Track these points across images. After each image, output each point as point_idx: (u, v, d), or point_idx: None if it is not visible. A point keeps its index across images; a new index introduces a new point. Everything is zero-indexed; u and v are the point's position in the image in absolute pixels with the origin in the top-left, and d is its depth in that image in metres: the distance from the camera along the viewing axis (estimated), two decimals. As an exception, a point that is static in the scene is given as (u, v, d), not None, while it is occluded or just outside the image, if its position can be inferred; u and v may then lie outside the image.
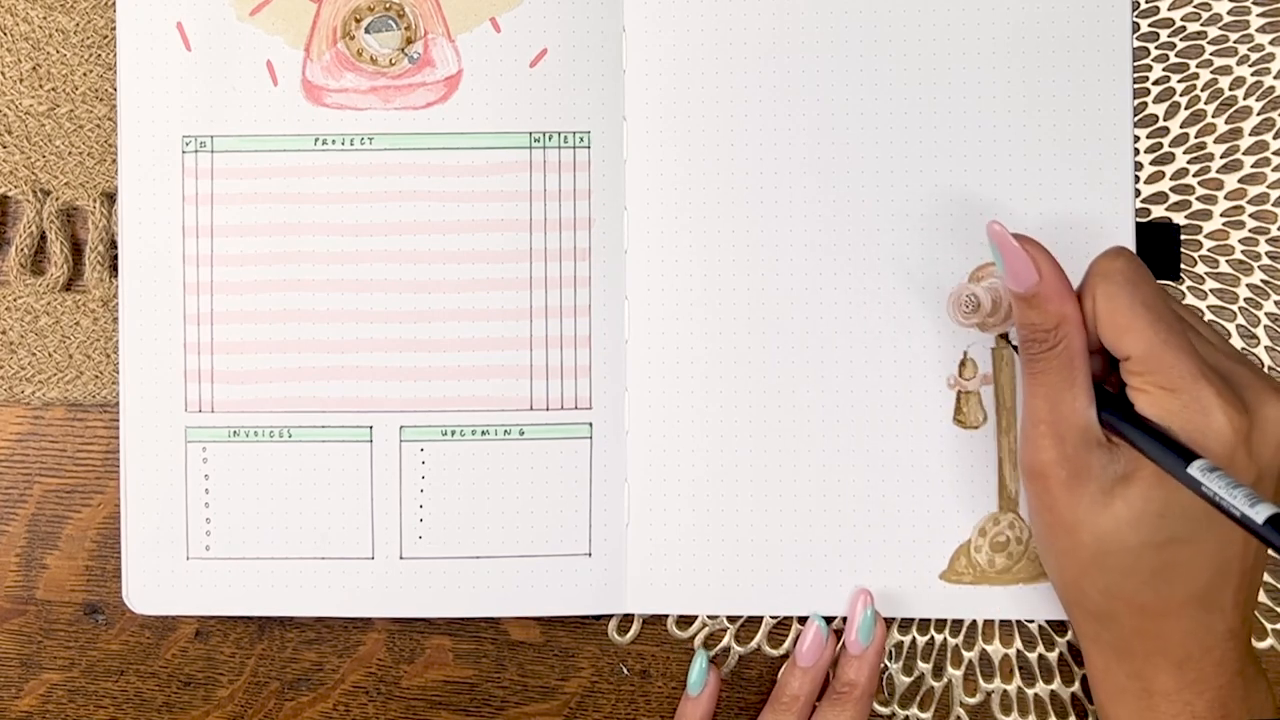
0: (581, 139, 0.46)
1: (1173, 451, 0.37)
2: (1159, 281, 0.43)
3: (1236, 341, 0.46)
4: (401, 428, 0.46)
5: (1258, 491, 0.36)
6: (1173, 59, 0.46)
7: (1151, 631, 0.40)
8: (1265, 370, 0.46)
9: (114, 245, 0.47)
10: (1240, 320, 0.46)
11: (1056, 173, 0.46)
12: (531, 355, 0.46)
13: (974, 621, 0.47)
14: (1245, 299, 0.46)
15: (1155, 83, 0.46)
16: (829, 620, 0.46)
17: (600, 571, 0.46)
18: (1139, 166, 0.46)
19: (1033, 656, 0.47)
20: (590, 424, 0.46)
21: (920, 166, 0.46)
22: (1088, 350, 0.40)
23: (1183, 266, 0.46)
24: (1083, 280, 0.40)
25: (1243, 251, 0.46)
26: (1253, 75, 0.46)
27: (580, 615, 0.47)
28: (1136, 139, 0.46)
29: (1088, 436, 0.39)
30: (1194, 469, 0.36)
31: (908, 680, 0.47)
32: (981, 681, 0.47)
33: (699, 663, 0.46)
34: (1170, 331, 0.38)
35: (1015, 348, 0.42)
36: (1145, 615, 0.40)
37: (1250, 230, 0.46)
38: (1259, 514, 0.34)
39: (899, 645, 0.47)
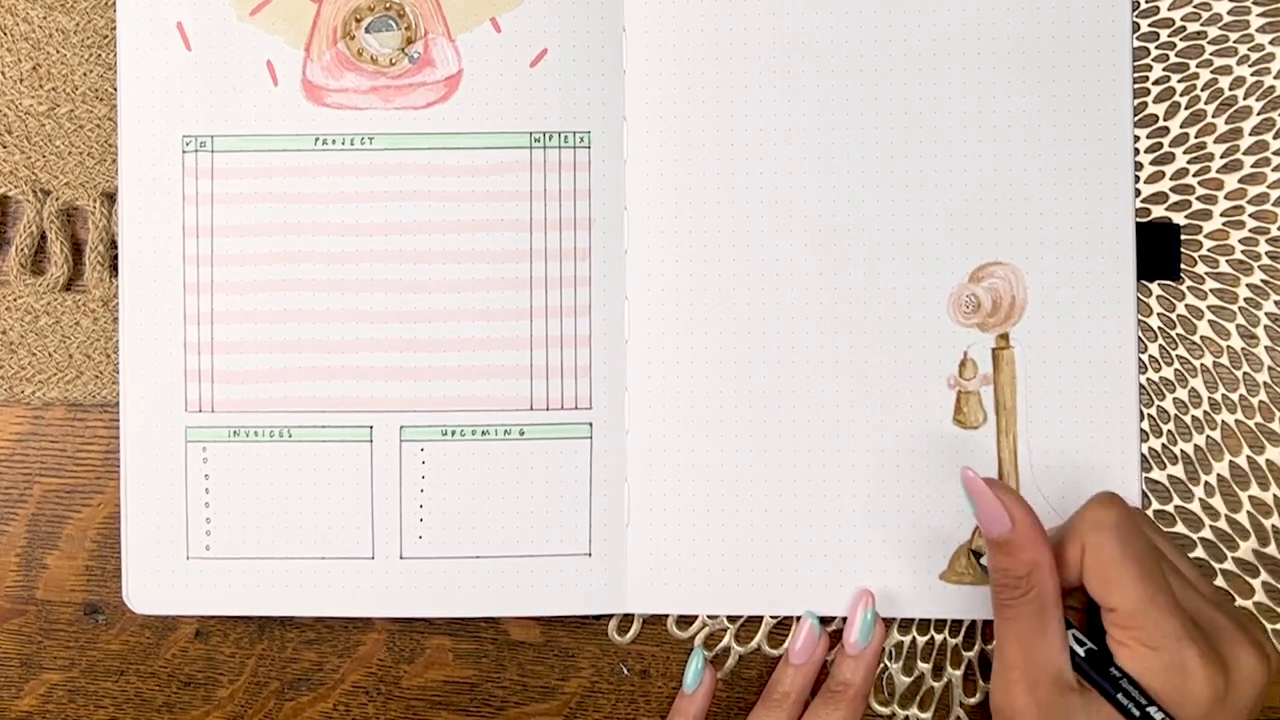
0: (581, 139, 0.46)
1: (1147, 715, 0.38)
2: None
3: (1236, 341, 0.46)
4: (401, 428, 0.46)
5: None
6: (1173, 59, 0.46)
7: None
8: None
9: (114, 245, 0.47)
10: (1240, 320, 0.46)
11: (1056, 173, 0.46)
12: (531, 355, 0.46)
13: (974, 621, 0.47)
14: (1245, 299, 0.46)
15: (1155, 83, 0.46)
16: (829, 620, 0.46)
17: (600, 571, 0.46)
18: (1139, 166, 0.46)
19: (1033, 656, 0.47)
20: (590, 424, 0.46)
21: (920, 166, 0.46)
22: (1060, 594, 0.40)
23: (1183, 266, 0.46)
24: (1073, 522, 0.41)
25: (1243, 251, 0.46)
26: (1253, 75, 0.46)
27: (580, 615, 0.47)
28: (1136, 139, 0.46)
29: (1060, 682, 0.39)
30: None
31: (908, 680, 0.47)
32: (981, 681, 0.47)
33: (696, 660, 0.46)
34: (1157, 588, 0.38)
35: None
36: None
37: (1250, 230, 0.46)
38: None
39: (899, 645, 0.47)
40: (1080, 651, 0.40)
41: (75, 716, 0.48)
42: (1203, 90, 0.46)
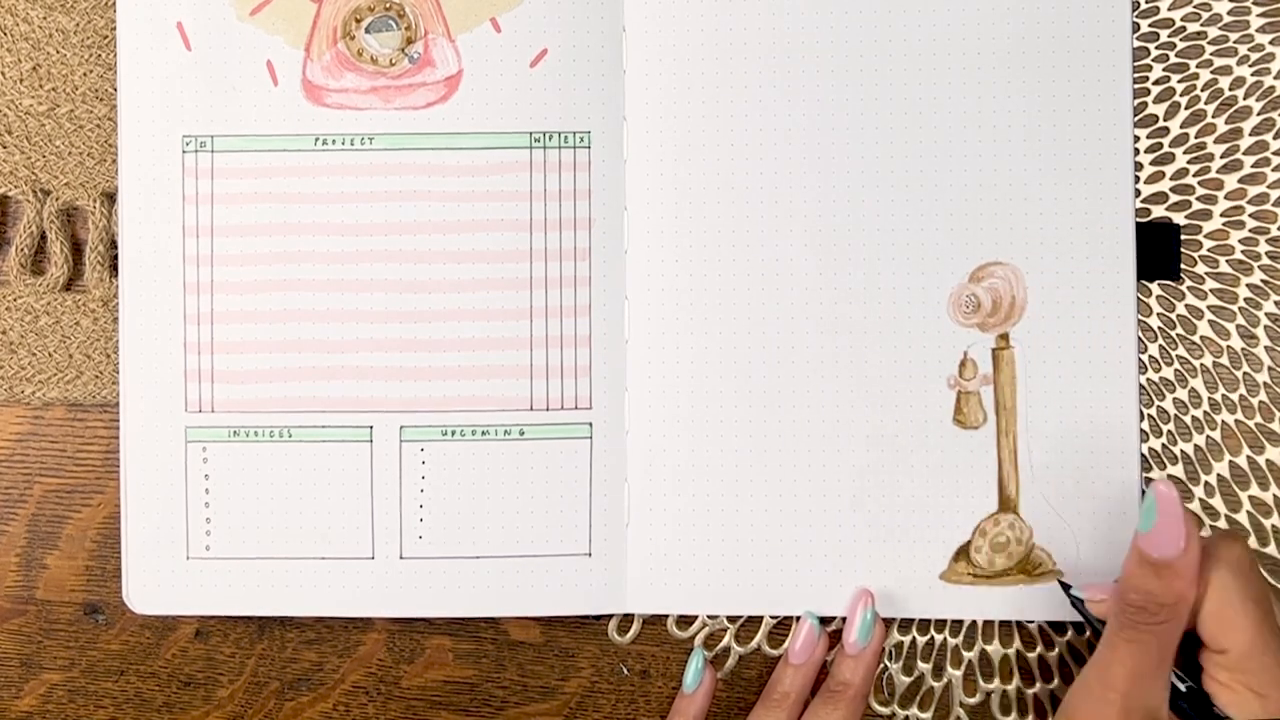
0: (581, 139, 0.46)
1: None
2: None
3: (1236, 341, 0.46)
4: (401, 428, 0.46)
5: None
6: (1173, 59, 0.46)
7: None
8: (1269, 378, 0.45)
9: (114, 245, 0.47)
10: (1240, 320, 0.46)
11: (1056, 173, 0.46)
12: (531, 355, 0.46)
13: (974, 621, 0.47)
14: (1245, 299, 0.46)
15: (1155, 83, 0.46)
16: (829, 620, 0.46)
17: (600, 571, 0.46)
18: (1139, 166, 0.46)
19: (1032, 656, 0.47)
20: (590, 424, 0.46)
21: (920, 166, 0.46)
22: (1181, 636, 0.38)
23: (1183, 266, 0.46)
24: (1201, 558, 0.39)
25: (1243, 251, 0.46)
26: (1253, 75, 0.46)
27: (580, 615, 0.47)
28: (1136, 139, 0.46)
29: (1155, 719, 0.38)
30: None
31: (908, 680, 0.47)
32: (981, 681, 0.47)
33: (695, 660, 0.46)
34: (1272, 634, 0.37)
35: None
36: None
37: (1250, 230, 0.46)
38: None
39: (899, 645, 0.47)
40: (1181, 688, 0.38)
41: (75, 716, 0.48)
42: (1203, 90, 0.46)
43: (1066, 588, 0.43)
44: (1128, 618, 0.38)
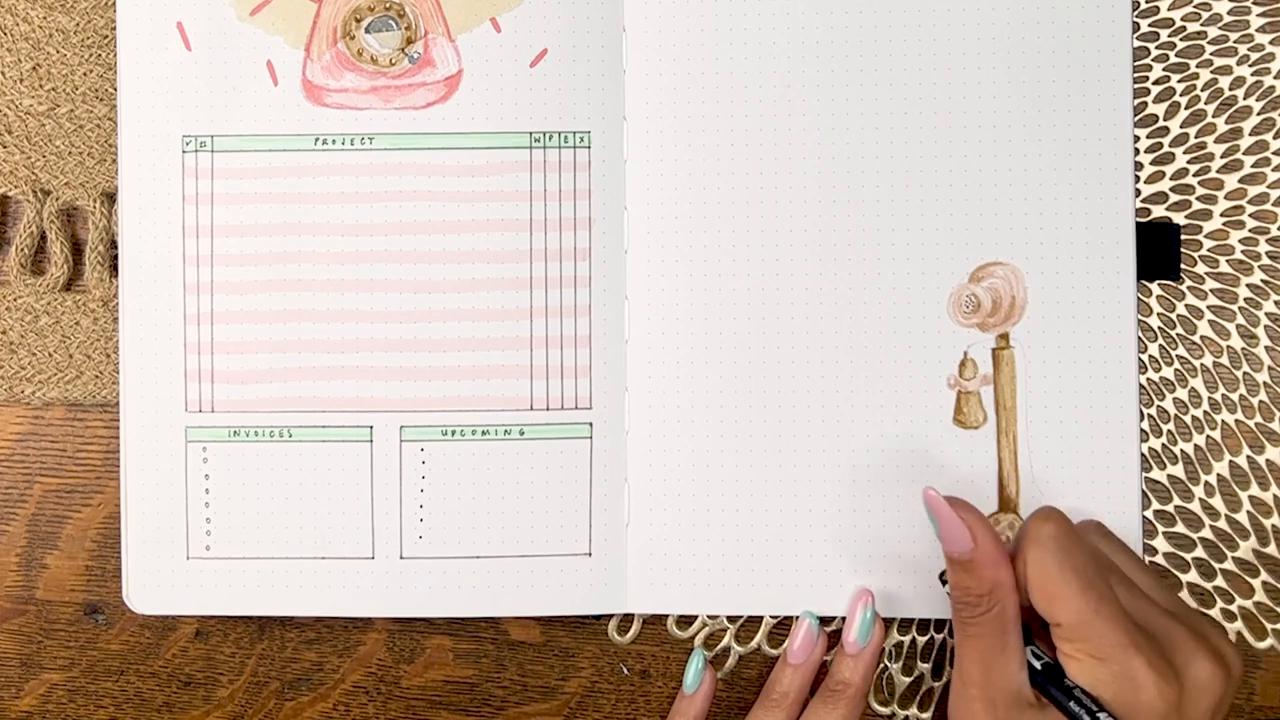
0: (581, 139, 0.46)
1: None
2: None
3: (1236, 341, 0.46)
4: (402, 428, 0.46)
5: None
6: (1173, 59, 0.46)
7: None
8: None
9: (114, 245, 0.47)
10: (1240, 320, 0.46)
11: (1056, 173, 0.46)
12: (531, 355, 0.46)
13: (974, 621, 0.47)
14: (1245, 299, 0.46)
15: (1155, 83, 0.46)
16: (828, 620, 0.46)
17: (600, 571, 0.46)
18: (1139, 166, 0.46)
19: (1033, 656, 0.47)
20: (590, 424, 0.46)
21: (920, 166, 0.46)
22: (1019, 612, 0.40)
23: (1183, 266, 0.46)
24: (1014, 542, 0.40)
25: (1243, 251, 0.46)
26: (1253, 75, 0.46)
27: (580, 615, 0.47)
28: (1136, 139, 0.46)
29: (1019, 699, 0.39)
30: None
31: (908, 680, 0.47)
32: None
33: (695, 661, 0.46)
34: (1100, 599, 0.38)
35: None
36: None
37: (1250, 230, 0.46)
38: None
39: (899, 645, 0.47)
40: (1037, 665, 0.40)
41: (75, 716, 0.48)
42: (1203, 90, 0.46)
43: (943, 579, 0.44)
44: (959, 615, 0.40)
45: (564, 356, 0.46)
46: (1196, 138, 0.46)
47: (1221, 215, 0.46)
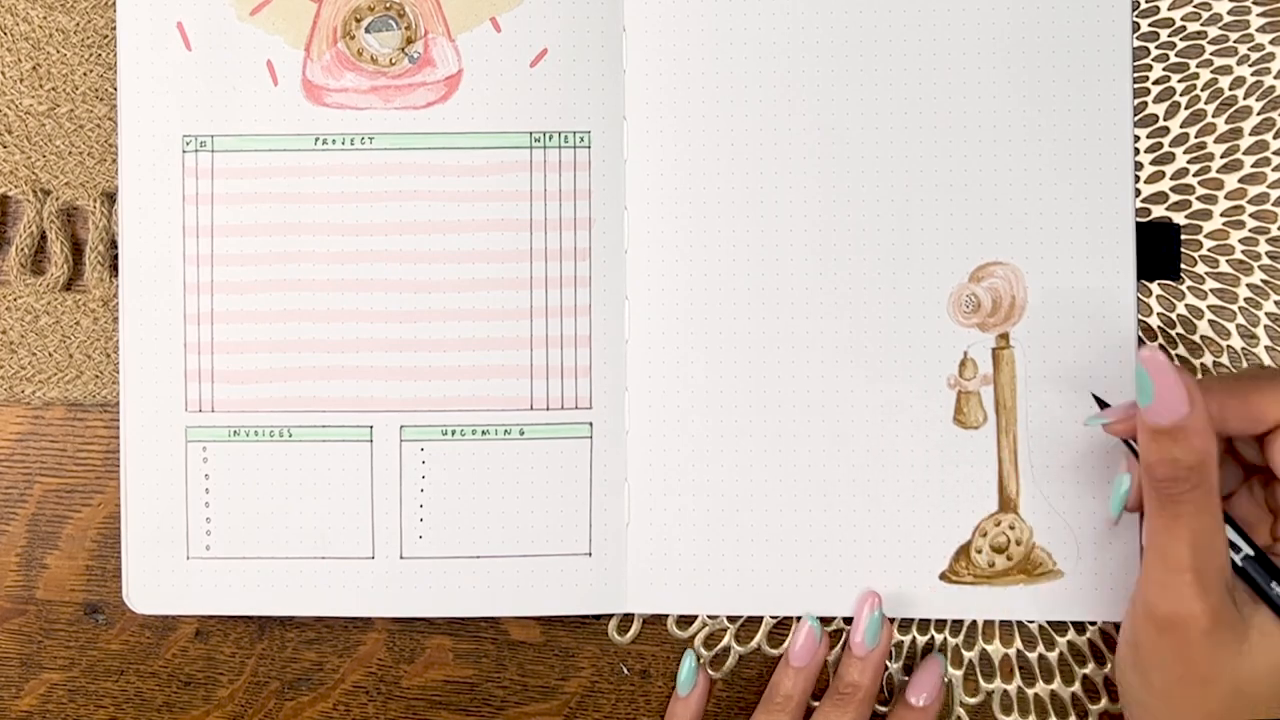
0: (581, 139, 0.46)
1: None
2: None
3: (1236, 341, 0.46)
4: (402, 427, 0.46)
5: None
6: (1173, 59, 0.46)
7: None
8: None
9: (114, 245, 0.47)
10: (1240, 320, 0.46)
11: (1056, 173, 0.46)
12: (531, 355, 0.46)
13: (974, 621, 0.47)
14: (1245, 299, 0.46)
15: (1155, 83, 0.46)
16: (829, 621, 0.46)
17: (600, 571, 0.46)
18: (1139, 166, 0.46)
19: (1033, 656, 0.47)
20: (590, 424, 0.46)
21: (920, 166, 0.46)
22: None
23: (1183, 266, 0.46)
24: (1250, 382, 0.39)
25: (1243, 251, 0.46)
26: (1253, 75, 0.46)
27: (580, 615, 0.47)
28: (1136, 139, 0.46)
29: (1231, 586, 0.37)
30: None
31: (907, 680, 0.47)
32: (981, 681, 0.47)
33: (687, 663, 0.46)
34: None
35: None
36: None
37: (1250, 230, 0.46)
38: None
39: (899, 645, 0.47)
40: (1238, 560, 0.37)
41: (75, 716, 0.48)
42: (1203, 90, 0.46)
43: (1103, 405, 0.42)
44: (1164, 494, 0.38)
45: (564, 356, 0.46)
46: (1196, 138, 0.46)
47: (1221, 215, 0.46)
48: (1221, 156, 0.46)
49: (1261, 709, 0.37)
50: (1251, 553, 0.38)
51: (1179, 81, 0.46)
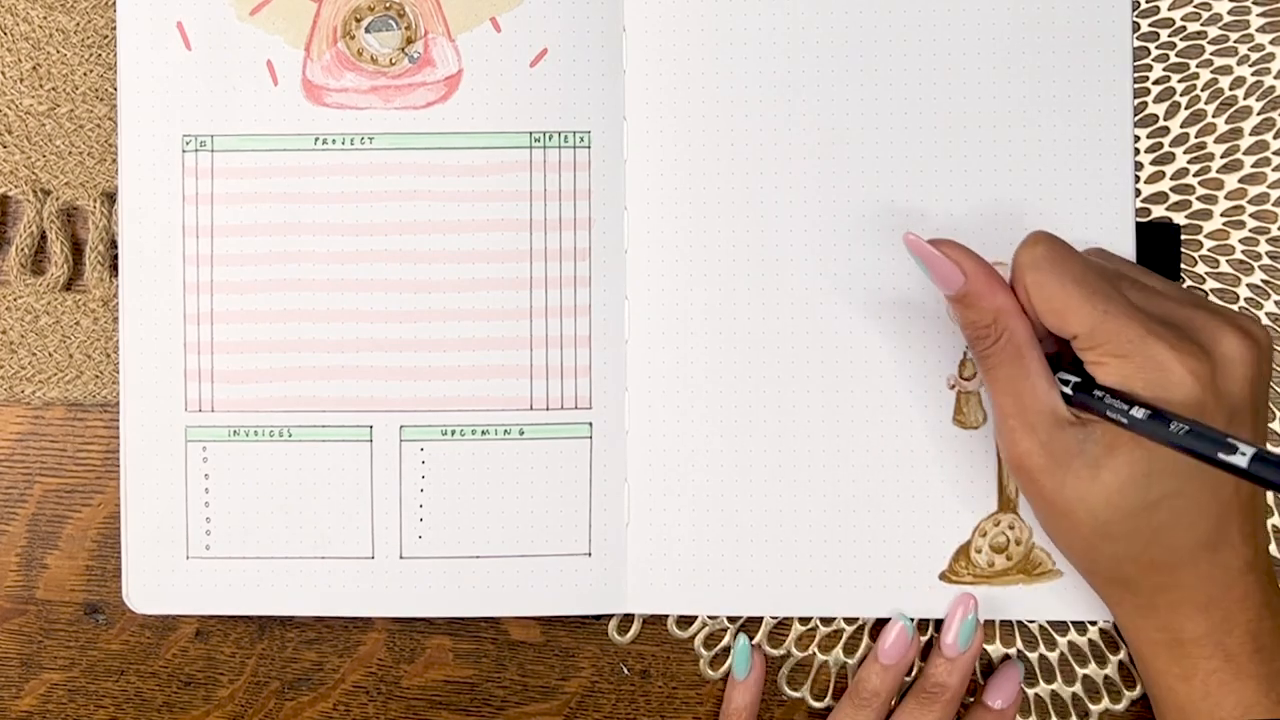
0: (581, 139, 0.46)
1: (1145, 419, 0.37)
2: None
3: (1236, 341, 0.46)
4: (401, 427, 0.46)
5: (1235, 429, 0.37)
6: (1173, 59, 0.46)
7: (1169, 584, 0.40)
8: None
9: (114, 245, 0.47)
10: (1240, 320, 0.46)
11: (1056, 173, 0.46)
12: (531, 355, 0.46)
13: (974, 621, 0.47)
14: (1245, 299, 0.46)
15: (1155, 83, 0.46)
16: (829, 621, 0.46)
17: (600, 571, 0.46)
18: (1139, 166, 0.46)
19: (1033, 656, 0.47)
20: (590, 424, 0.46)
21: (921, 166, 0.46)
22: (1034, 336, 0.40)
23: (1183, 266, 0.46)
24: (1011, 271, 0.41)
25: (1243, 251, 0.46)
26: (1253, 75, 0.46)
27: (580, 615, 0.47)
28: (1136, 139, 0.46)
29: (1057, 419, 0.40)
30: (1171, 429, 0.36)
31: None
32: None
33: (741, 644, 0.46)
34: (1107, 300, 0.38)
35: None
36: (1159, 571, 0.40)
37: (1250, 230, 0.46)
38: (1242, 458, 0.34)
39: (899, 645, 0.47)
40: (1067, 389, 0.40)
41: (75, 716, 0.48)
42: (1203, 90, 0.46)
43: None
44: (976, 352, 0.41)
45: (564, 356, 0.46)
46: (1196, 138, 0.46)
47: (1221, 215, 0.46)
48: (1221, 156, 0.46)
49: (1128, 524, 0.39)
50: (1078, 380, 0.40)
51: (1179, 81, 0.46)
